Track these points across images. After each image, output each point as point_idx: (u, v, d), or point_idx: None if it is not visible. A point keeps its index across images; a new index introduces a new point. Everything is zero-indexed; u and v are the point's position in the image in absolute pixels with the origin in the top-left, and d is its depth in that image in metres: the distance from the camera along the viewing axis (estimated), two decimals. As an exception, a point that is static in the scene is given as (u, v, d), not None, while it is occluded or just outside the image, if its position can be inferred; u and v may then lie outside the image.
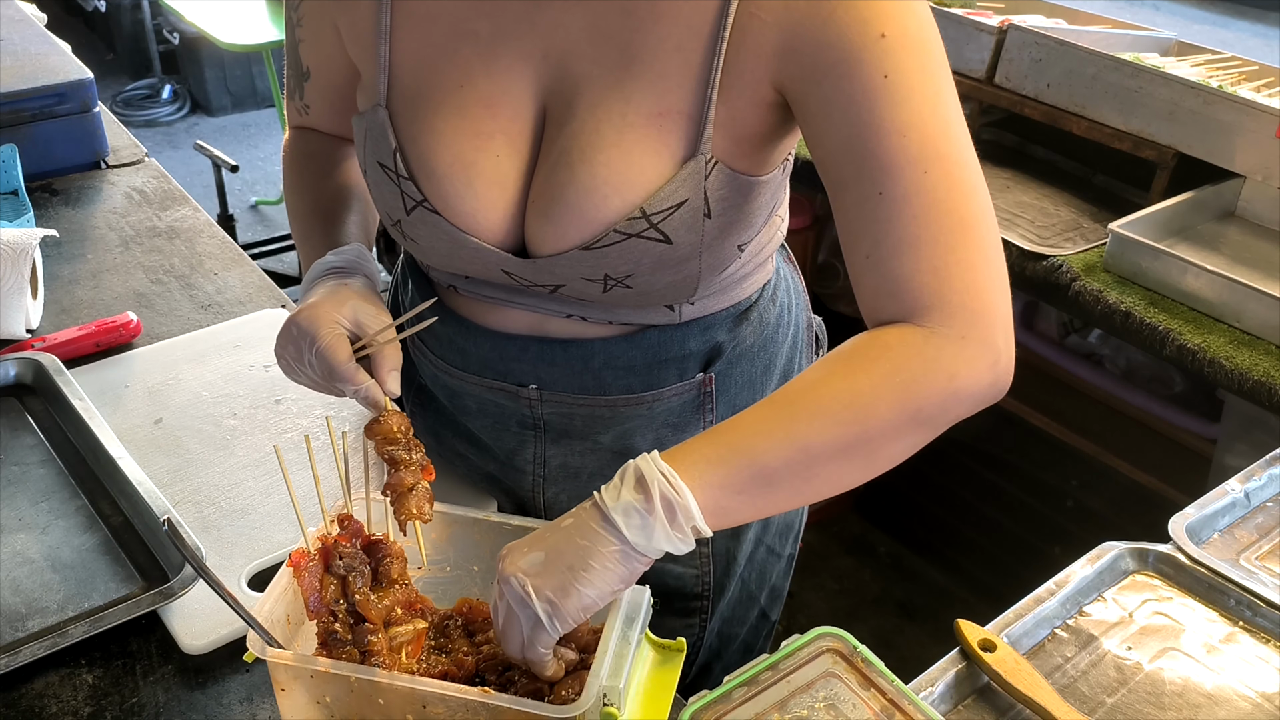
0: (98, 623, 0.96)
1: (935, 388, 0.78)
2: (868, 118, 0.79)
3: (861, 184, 0.80)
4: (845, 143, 0.81)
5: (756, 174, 0.92)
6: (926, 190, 0.79)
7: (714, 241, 0.92)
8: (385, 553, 0.87)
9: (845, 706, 0.85)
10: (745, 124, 0.88)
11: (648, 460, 0.77)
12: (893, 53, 0.79)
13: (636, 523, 0.75)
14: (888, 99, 0.79)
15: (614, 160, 0.87)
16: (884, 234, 0.80)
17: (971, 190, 0.80)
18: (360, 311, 0.93)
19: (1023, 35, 2.08)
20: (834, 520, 2.70)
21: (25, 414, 1.25)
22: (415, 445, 0.90)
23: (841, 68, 0.80)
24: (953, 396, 0.79)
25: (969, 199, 0.80)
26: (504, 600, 0.78)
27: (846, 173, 0.82)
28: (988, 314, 0.79)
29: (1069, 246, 1.87)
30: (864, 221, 0.81)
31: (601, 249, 0.89)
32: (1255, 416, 1.85)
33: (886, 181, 0.79)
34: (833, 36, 0.80)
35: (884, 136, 0.79)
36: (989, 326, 0.79)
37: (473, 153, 0.91)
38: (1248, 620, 0.99)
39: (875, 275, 0.81)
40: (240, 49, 3.37)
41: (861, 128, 0.80)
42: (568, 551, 0.76)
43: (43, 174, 1.79)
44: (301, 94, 1.11)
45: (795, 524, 1.23)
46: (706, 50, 0.85)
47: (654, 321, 1.01)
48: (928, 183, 0.79)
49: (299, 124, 1.15)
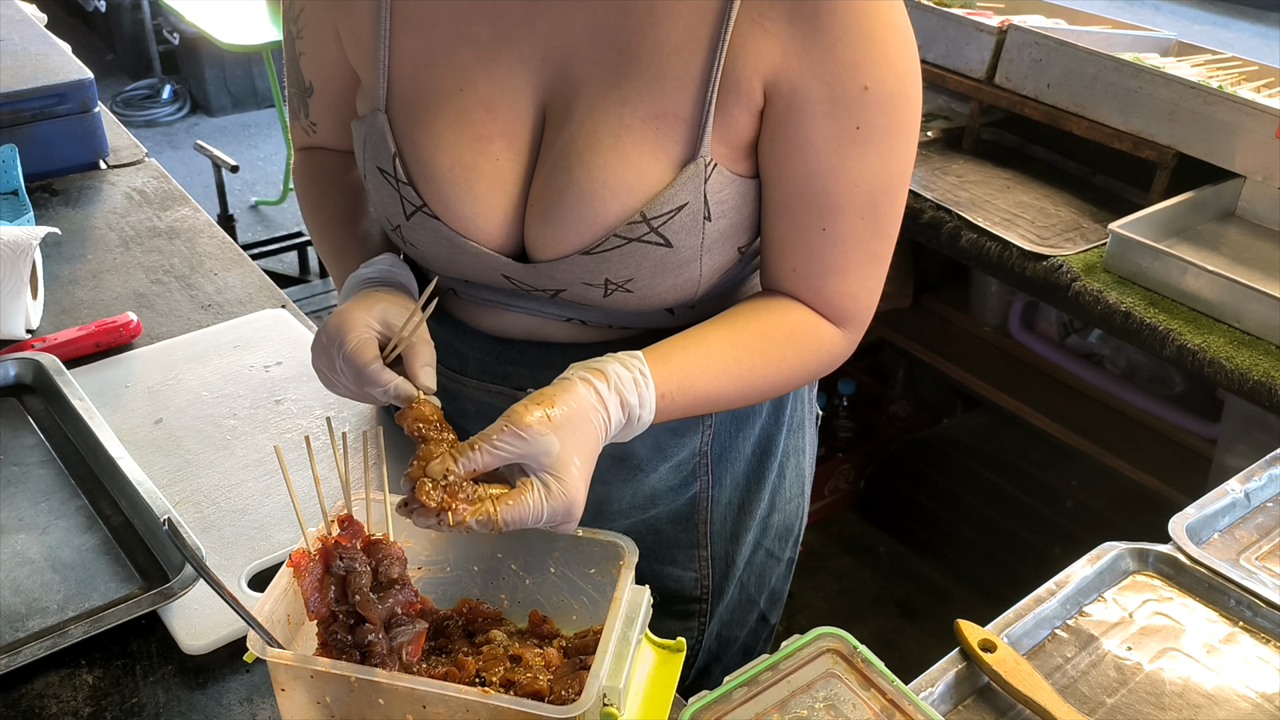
0: (98, 623, 0.96)
1: (830, 366, 1.00)
2: (831, 161, 0.88)
3: (807, 216, 0.91)
4: (803, 177, 0.90)
5: (754, 175, 0.92)
6: (861, 234, 0.92)
7: (714, 245, 0.92)
8: (385, 553, 0.87)
9: (845, 707, 0.85)
10: (740, 128, 0.88)
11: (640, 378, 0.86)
12: (869, 107, 0.87)
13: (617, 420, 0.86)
14: (854, 149, 0.88)
15: (611, 163, 0.87)
16: (815, 258, 0.93)
17: (891, 233, 0.95)
18: (389, 313, 0.91)
19: (1023, 35, 2.08)
20: (834, 520, 2.70)
21: (25, 414, 1.25)
22: (447, 427, 0.88)
23: (824, 106, 0.87)
24: (830, 369, 1.01)
25: (888, 240, 0.95)
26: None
27: (794, 201, 0.91)
28: (868, 323, 1.00)
29: (1069, 247, 1.87)
30: (798, 245, 0.93)
31: (602, 253, 0.89)
32: (1255, 416, 1.85)
33: (831, 221, 0.91)
34: (825, 73, 0.85)
35: (840, 184, 0.89)
36: (864, 331, 1.00)
37: (472, 156, 0.91)
38: (1248, 620, 0.99)
39: (800, 285, 0.96)
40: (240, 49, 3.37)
41: (823, 169, 0.89)
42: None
43: (43, 174, 1.79)
44: (306, 112, 1.09)
45: (795, 527, 1.23)
46: (706, 53, 0.85)
47: (653, 325, 1.01)
48: (863, 227, 0.92)
49: (306, 144, 1.13)
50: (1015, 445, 2.47)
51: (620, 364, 0.86)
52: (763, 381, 0.95)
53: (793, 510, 1.21)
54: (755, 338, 0.94)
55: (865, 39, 0.85)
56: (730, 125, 0.88)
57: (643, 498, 1.09)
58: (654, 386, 0.87)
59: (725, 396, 0.94)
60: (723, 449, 1.10)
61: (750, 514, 1.15)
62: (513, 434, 0.79)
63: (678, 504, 1.11)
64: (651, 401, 0.87)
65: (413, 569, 0.91)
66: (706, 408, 0.94)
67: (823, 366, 0.99)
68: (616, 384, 0.85)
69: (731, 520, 1.14)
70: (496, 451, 0.80)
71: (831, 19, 0.84)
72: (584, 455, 0.82)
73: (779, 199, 0.92)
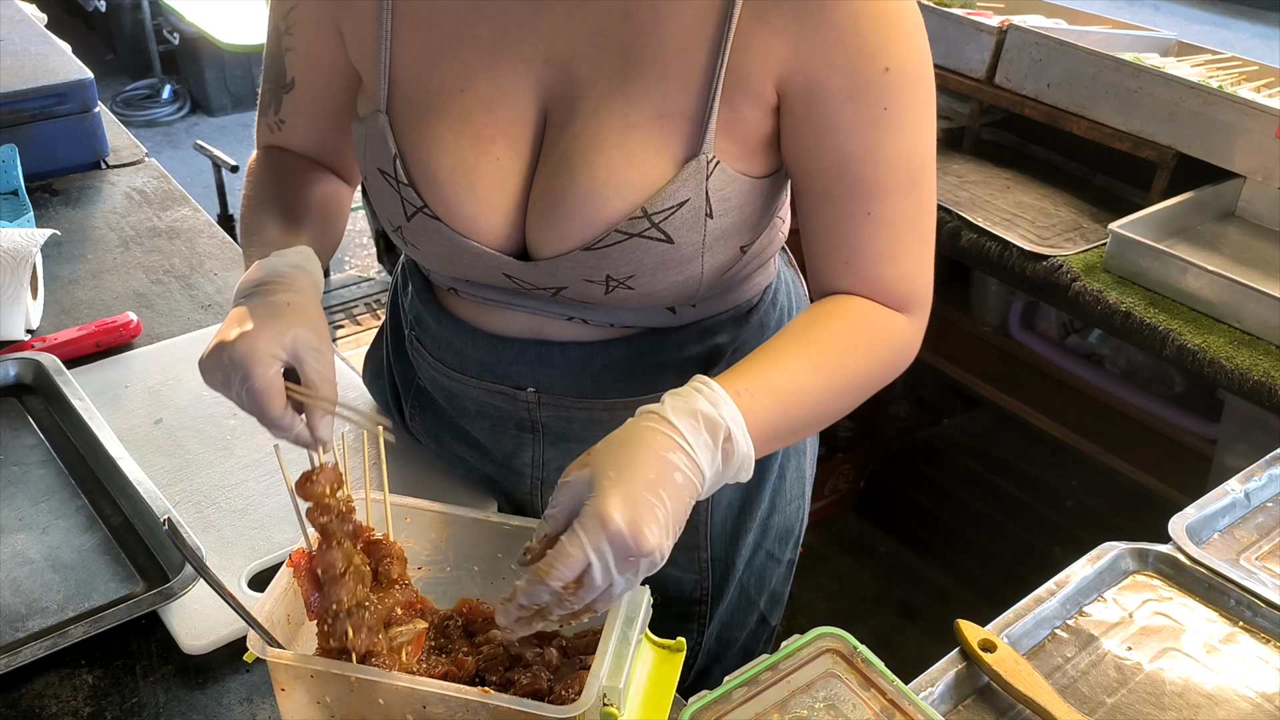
0: (98, 623, 0.96)
1: (903, 366, 0.96)
2: (865, 146, 0.87)
3: (849, 203, 0.89)
4: (839, 164, 0.88)
5: (758, 175, 0.92)
6: (907, 214, 0.91)
7: (716, 242, 0.92)
8: (385, 553, 0.87)
9: (845, 707, 0.85)
10: (748, 125, 0.88)
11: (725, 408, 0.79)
12: (893, 87, 0.86)
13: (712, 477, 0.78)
14: (884, 131, 0.87)
15: (614, 162, 0.87)
16: (867, 246, 0.91)
17: (933, 210, 0.94)
18: (300, 343, 0.84)
19: (1023, 35, 2.08)
20: (834, 520, 2.70)
21: (25, 414, 1.25)
22: (348, 511, 0.85)
23: (847, 94, 0.86)
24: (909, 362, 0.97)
25: (931, 217, 0.94)
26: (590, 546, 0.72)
27: (835, 190, 0.89)
28: (930, 304, 0.97)
29: (1069, 247, 1.87)
30: (846, 235, 0.91)
31: (603, 249, 0.89)
32: (1255, 416, 1.85)
33: (875, 205, 0.89)
34: (841, 61, 0.85)
35: (878, 166, 0.88)
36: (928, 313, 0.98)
37: (474, 157, 0.91)
38: (1248, 620, 0.99)
39: (855, 278, 0.92)
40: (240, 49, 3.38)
41: (859, 153, 0.88)
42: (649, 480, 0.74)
43: (43, 174, 1.78)
44: (277, 108, 1.05)
45: (795, 529, 1.23)
46: (710, 52, 0.85)
47: (654, 324, 1.01)
48: (908, 207, 0.90)
49: (269, 143, 1.09)
50: (1015, 445, 2.46)
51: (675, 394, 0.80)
52: (845, 379, 0.90)
53: (793, 512, 1.21)
54: (826, 340, 0.89)
55: (879, 22, 0.85)
56: (738, 122, 0.88)
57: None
58: (719, 386, 0.80)
59: (815, 404, 0.88)
60: (722, 450, 1.09)
61: (750, 515, 1.15)
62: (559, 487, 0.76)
63: (678, 505, 1.10)
64: (724, 395, 0.79)
65: (413, 569, 0.91)
66: (802, 422, 0.87)
67: (900, 356, 0.95)
68: (669, 399, 0.79)
69: (731, 522, 1.14)
70: (551, 511, 0.75)
71: (838, 9, 0.84)
72: (623, 464, 0.74)
73: (819, 189, 0.90)
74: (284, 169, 1.07)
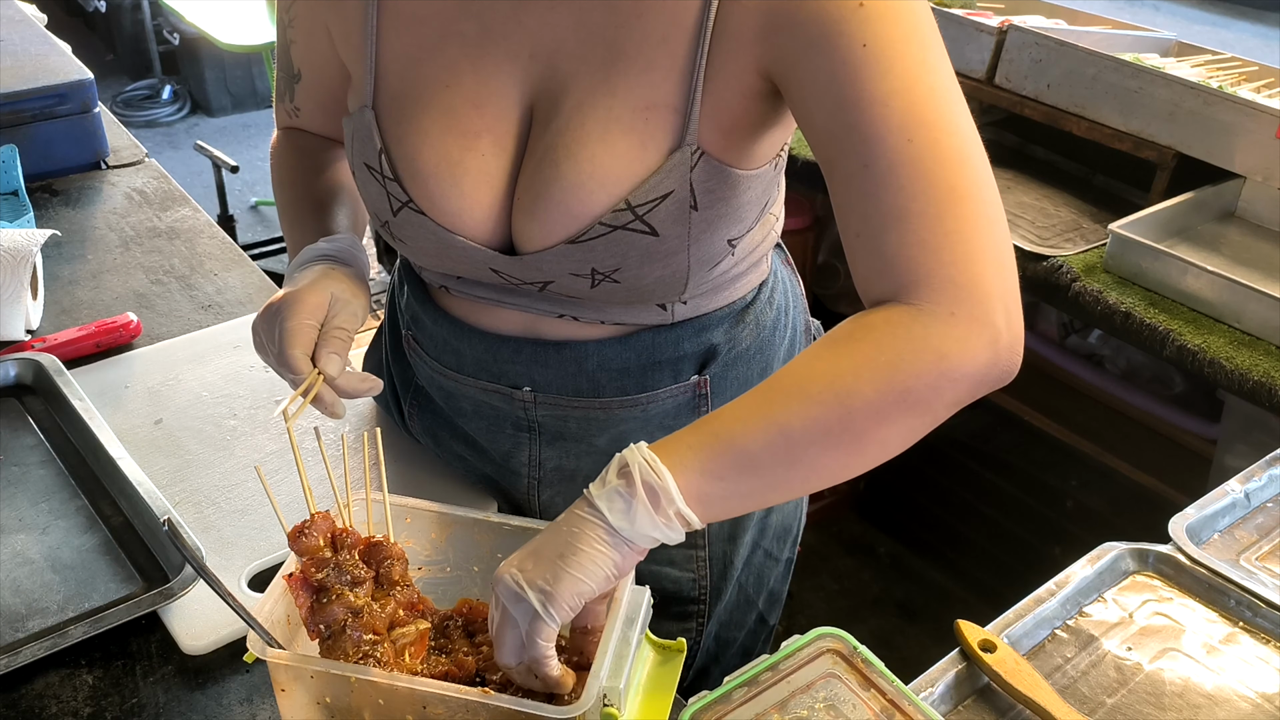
0: (98, 623, 0.96)
1: (923, 368, 0.74)
2: (849, 90, 0.77)
3: (847, 160, 0.78)
4: (829, 119, 0.79)
5: (745, 167, 0.91)
6: (912, 160, 0.75)
7: (701, 235, 0.92)
8: (386, 554, 0.87)
9: (845, 707, 0.85)
10: (733, 114, 0.87)
11: (633, 449, 0.77)
12: (871, 21, 0.77)
13: (620, 506, 0.74)
14: (868, 69, 0.76)
15: (599, 155, 0.87)
16: (872, 209, 0.77)
17: (964, 159, 0.77)
18: (336, 302, 0.94)
19: (1023, 36, 2.08)
20: (834, 520, 2.70)
21: (25, 414, 1.25)
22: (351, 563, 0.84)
23: (821, 43, 0.78)
24: (944, 377, 0.74)
25: (961, 167, 0.76)
26: (499, 604, 0.77)
27: (832, 150, 0.79)
28: (980, 288, 0.74)
29: (1069, 247, 1.87)
30: (852, 198, 0.78)
31: (587, 242, 0.89)
32: (1255, 417, 1.85)
33: (870, 154, 0.76)
34: (811, 12, 0.78)
35: (865, 107, 0.76)
36: (982, 301, 0.74)
37: (459, 152, 0.91)
38: (1248, 621, 0.99)
39: (866, 253, 0.78)
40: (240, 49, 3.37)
41: (843, 101, 0.77)
42: (556, 542, 0.76)
43: (43, 174, 1.79)
44: (292, 96, 1.11)
45: (793, 528, 1.23)
46: (691, 41, 0.85)
47: (647, 322, 1.01)
48: (912, 151, 0.75)
49: (288, 125, 1.16)
50: (1015, 445, 2.46)
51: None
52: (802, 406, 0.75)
53: (790, 510, 1.21)
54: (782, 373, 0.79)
55: None
56: (723, 111, 0.87)
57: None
58: (645, 445, 0.76)
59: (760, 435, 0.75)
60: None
61: (748, 514, 1.15)
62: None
63: (677, 504, 1.10)
64: (648, 455, 0.75)
65: (413, 569, 0.91)
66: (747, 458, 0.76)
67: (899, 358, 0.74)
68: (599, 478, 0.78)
69: (729, 521, 1.14)
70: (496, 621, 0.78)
71: None
72: (533, 545, 0.77)
73: (824, 159, 0.81)
74: (308, 151, 1.13)
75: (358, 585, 0.83)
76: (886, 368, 0.74)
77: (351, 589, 0.83)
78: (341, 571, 0.83)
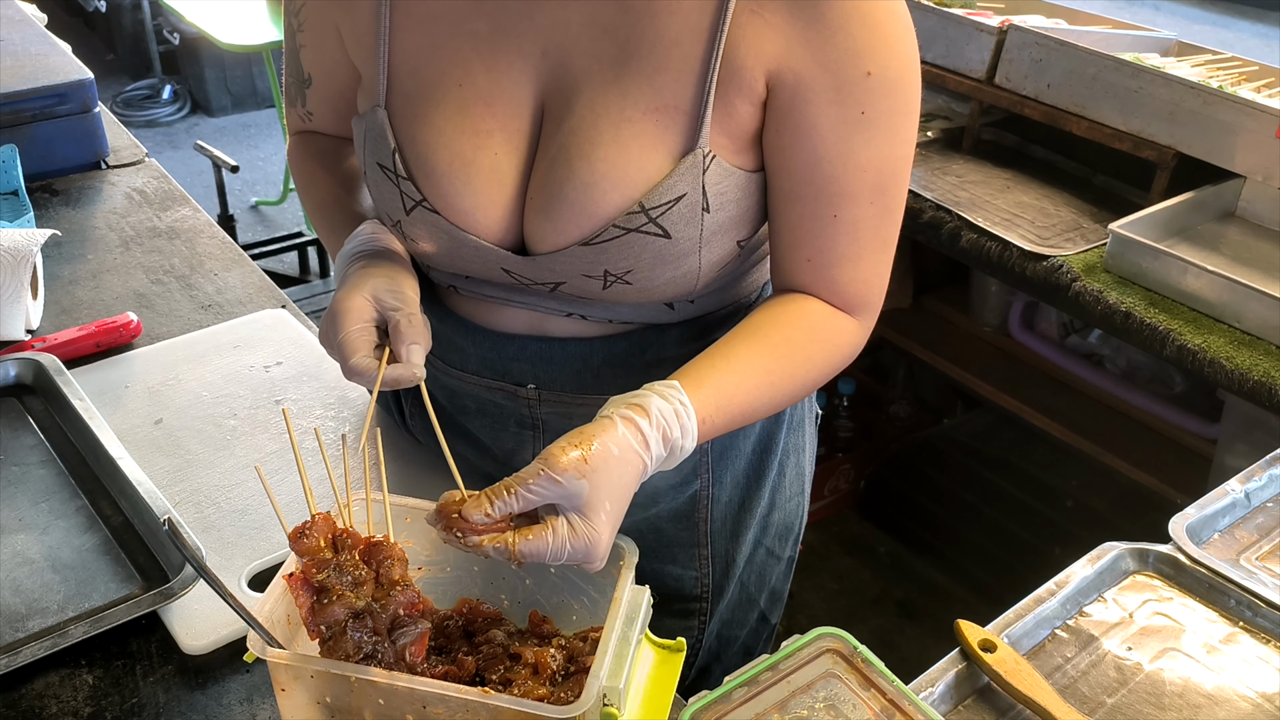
0: (98, 623, 0.96)
1: (846, 360, 1.00)
2: (838, 147, 0.89)
3: (818, 203, 0.91)
4: (812, 163, 0.90)
5: (753, 169, 0.92)
6: (871, 219, 0.93)
7: (713, 237, 0.92)
8: (386, 554, 0.87)
9: (845, 707, 0.85)
10: (741, 119, 0.89)
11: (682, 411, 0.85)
12: (872, 92, 0.87)
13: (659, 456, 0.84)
14: (860, 134, 0.88)
15: (612, 156, 0.87)
16: (829, 247, 0.93)
17: (898, 217, 0.95)
18: (379, 290, 0.92)
19: (1023, 35, 2.08)
20: (834, 520, 2.70)
21: (25, 414, 1.25)
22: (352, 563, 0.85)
23: (829, 94, 0.87)
24: (846, 361, 1.00)
25: (895, 224, 0.95)
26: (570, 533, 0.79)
27: (805, 189, 0.91)
28: (880, 308, 0.99)
29: (1069, 247, 1.87)
30: (810, 233, 0.93)
31: (601, 244, 0.90)
32: (1255, 416, 1.85)
33: (840, 207, 0.91)
34: (828, 60, 0.86)
35: (849, 169, 0.90)
36: (877, 316, 1.00)
37: (471, 150, 0.91)
38: (1248, 620, 0.99)
39: (814, 276, 0.95)
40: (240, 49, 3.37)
41: (832, 155, 0.89)
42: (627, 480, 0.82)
43: (43, 174, 1.79)
44: (304, 101, 1.10)
45: (795, 527, 1.23)
46: (705, 45, 0.86)
47: (653, 320, 1.01)
48: (873, 212, 0.92)
49: (301, 129, 1.15)
50: (1015, 445, 2.46)
51: (660, 396, 0.84)
52: (791, 386, 0.95)
53: (793, 509, 1.21)
54: (780, 344, 0.94)
55: (866, 25, 0.86)
56: (731, 116, 0.88)
57: (643, 496, 1.09)
58: (694, 414, 0.86)
59: (759, 409, 0.93)
60: (723, 447, 1.10)
61: (750, 512, 1.15)
62: (547, 478, 0.78)
63: (678, 502, 1.11)
64: (694, 429, 0.86)
65: (413, 569, 0.91)
66: (742, 422, 0.93)
67: (844, 360, 0.99)
68: (659, 419, 0.83)
69: (732, 518, 1.14)
70: (529, 496, 0.79)
71: (831, 7, 0.85)
72: (616, 498, 0.80)
73: (788, 188, 0.92)
74: (325, 152, 1.14)
75: (358, 586, 0.83)
76: (839, 363, 0.99)
77: (352, 589, 0.83)
78: (342, 572, 0.83)
